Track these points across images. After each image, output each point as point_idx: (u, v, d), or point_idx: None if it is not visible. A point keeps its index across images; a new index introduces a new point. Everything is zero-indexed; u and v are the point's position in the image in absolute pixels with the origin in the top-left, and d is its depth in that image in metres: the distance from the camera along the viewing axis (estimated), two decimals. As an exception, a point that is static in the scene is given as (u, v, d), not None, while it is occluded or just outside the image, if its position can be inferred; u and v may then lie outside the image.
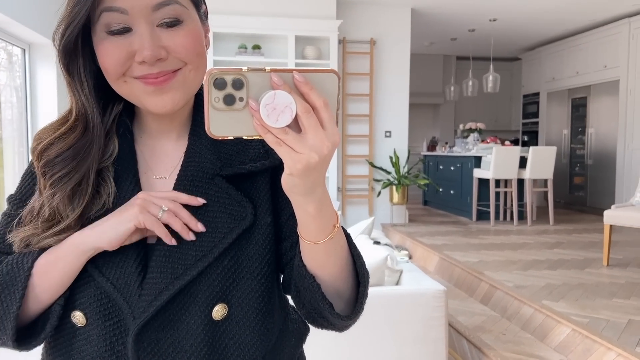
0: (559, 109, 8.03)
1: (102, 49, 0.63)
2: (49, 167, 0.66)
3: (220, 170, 0.70)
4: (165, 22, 0.64)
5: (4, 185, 4.42)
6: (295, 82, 0.51)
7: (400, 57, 6.30)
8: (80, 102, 0.67)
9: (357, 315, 0.70)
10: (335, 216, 0.62)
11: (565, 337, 2.77)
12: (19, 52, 4.62)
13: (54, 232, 0.65)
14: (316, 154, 0.52)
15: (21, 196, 0.72)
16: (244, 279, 0.68)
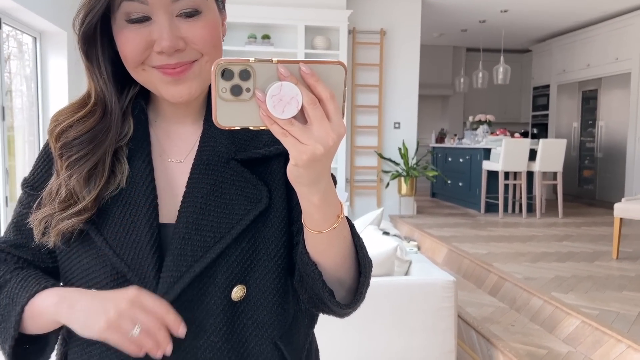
0: (569, 101, 7.97)
1: (122, 37, 0.64)
2: (67, 149, 0.67)
3: (235, 154, 0.71)
4: (184, 13, 0.64)
5: (15, 173, 4.45)
6: (301, 74, 0.52)
7: (410, 48, 6.27)
8: (99, 87, 0.68)
9: (357, 304, 0.71)
10: (339, 207, 0.63)
11: (574, 328, 2.77)
12: (30, 40, 4.63)
13: (72, 213, 0.66)
14: (321, 146, 0.52)
15: (35, 180, 0.73)
16: (262, 261, 0.70)
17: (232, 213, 0.68)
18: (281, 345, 0.72)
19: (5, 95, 4.12)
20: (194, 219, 0.67)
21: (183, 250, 0.66)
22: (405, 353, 2.53)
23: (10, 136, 4.33)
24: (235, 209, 0.68)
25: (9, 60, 4.39)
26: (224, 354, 0.68)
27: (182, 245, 0.66)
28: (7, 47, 4.33)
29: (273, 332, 0.71)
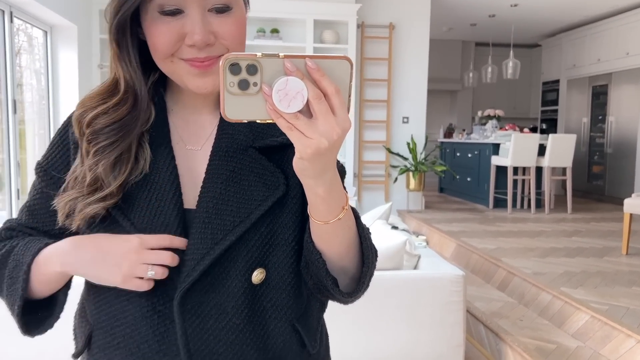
0: (579, 96, 7.91)
1: (154, 29, 0.65)
2: (95, 136, 0.68)
3: (253, 142, 0.72)
4: (216, 8, 0.66)
5: (27, 166, 4.49)
6: (307, 69, 0.53)
7: (419, 43, 6.25)
8: (128, 75, 0.69)
9: (359, 293, 0.72)
10: (344, 198, 0.64)
11: (583, 323, 2.77)
12: (40, 34, 4.66)
13: (97, 198, 0.67)
14: (326, 140, 0.54)
15: (48, 165, 0.74)
16: (280, 245, 0.71)
17: (251, 199, 0.70)
18: (299, 327, 0.74)
19: (16, 88, 4.15)
20: (214, 204, 0.69)
21: (204, 233, 0.68)
22: (414, 347, 2.54)
23: (21, 129, 4.36)
24: (254, 194, 0.70)
25: (19, 54, 4.42)
26: (246, 335, 0.69)
27: (203, 229, 0.68)
28: (17, 40, 4.35)
29: (291, 315, 0.73)
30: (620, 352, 2.48)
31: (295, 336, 0.74)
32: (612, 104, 7.21)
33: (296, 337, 0.74)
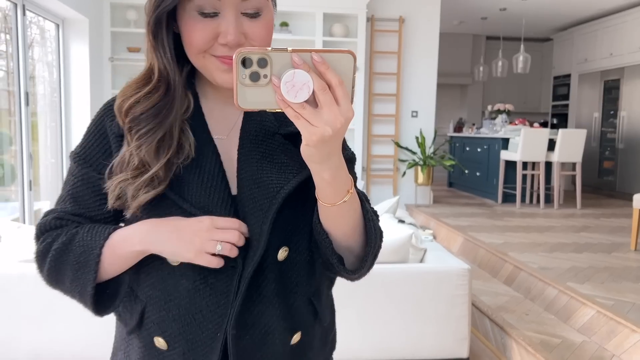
0: (591, 91, 7.84)
1: (191, 27, 0.71)
2: (135, 123, 0.73)
3: (278, 129, 0.77)
4: (249, 13, 0.71)
5: (39, 158, 4.55)
6: (313, 62, 0.57)
7: (429, 36, 6.23)
8: (162, 65, 0.74)
9: (363, 270, 0.78)
10: (349, 182, 0.69)
11: (589, 318, 2.77)
12: (52, 27, 4.71)
13: (144, 180, 0.72)
14: (330, 128, 0.58)
15: (86, 153, 0.79)
16: (301, 227, 0.78)
17: (287, 171, 0.75)
18: (314, 301, 0.82)
19: (29, 81, 4.21)
20: (255, 185, 0.74)
21: (254, 212, 0.74)
22: (419, 339, 2.56)
23: (34, 121, 4.42)
24: (289, 168, 0.75)
25: (31, 47, 4.47)
26: (275, 307, 0.76)
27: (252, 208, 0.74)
28: (30, 33, 4.40)
29: (308, 291, 0.80)
30: (625, 347, 2.48)
31: (311, 309, 0.81)
32: (624, 99, 7.15)
33: (312, 310, 0.81)
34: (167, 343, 0.76)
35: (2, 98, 4.13)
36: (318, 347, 0.85)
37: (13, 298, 2.36)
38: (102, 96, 5.31)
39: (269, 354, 0.76)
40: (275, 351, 0.77)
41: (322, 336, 0.86)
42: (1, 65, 4.17)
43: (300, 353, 0.81)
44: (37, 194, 4.49)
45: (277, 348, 0.77)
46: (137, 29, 5.44)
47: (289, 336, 0.78)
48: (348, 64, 0.58)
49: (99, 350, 2.42)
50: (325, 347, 0.88)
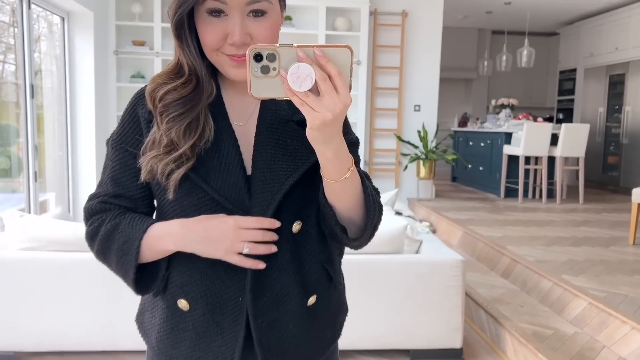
0: (596, 86, 7.82)
1: (204, 27, 0.80)
2: (166, 108, 0.83)
3: (292, 116, 0.86)
4: (253, 13, 0.79)
5: (44, 150, 4.62)
6: (315, 56, 0.66)
7: (432, 30, 6.23)
8: (190, 62, 0.84)
9: (363, 239, 0.88)
10: (350, 161, 0.78)
11: (581, 310, 2.80)
12: (59, 21, 4.77)
13: (173, 158, 0.81)
14: (330, 113, 0.67)
15: (122, 139, 0.88)
16: (312, 203, 0.88)
17: (297, 157, 0.85)
18: (327, 267, 0.92)
19: (36, 75, 4.27)
20: (267, 167, 0.84)
21: (263, 191, 0.83)
22: (413, 329, 2.60)
23: (40, 114, 4.49)
24: (299, 154, 0.85)
25: (39, 41, 4.54)
26: (289, 272, 0.87)
27: (262, 188, 0.83)
28: (37, 27, 4.47)
29: (321, 259, 0.91)
30: (615, 338, 2.52)
31: (325, 274, 0.92)
32: (629, 94, 7.12)
33: (325, 275, 0.92)
34: (189, 304, 0.87)
35: (11, 91, 4.21)
36: (335, 309, 0.96)
37: (15, 285, 2.43)
38: (107, 89, 5.38)
39: (285, 314, 0.87)
40: (292, 311, 0.87)
41: (338, 299, 0.97)
42: (10, 58, 4.25)
43: (317, 314, 0.91)
44: (43, 185, 4.57)
45: (294, 309, 0.87)
46: (141, 23, 5.49)
47: (305, 298, 0.88)
48: (346, 57, 0.67)
49: (100, 337, 2.49)
50: (342, 308, 0.99)
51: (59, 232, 2.45)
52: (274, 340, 0.87)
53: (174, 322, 0.89)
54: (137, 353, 2.59)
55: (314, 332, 0.91)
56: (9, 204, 4.24)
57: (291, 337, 0.88)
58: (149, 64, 5.60)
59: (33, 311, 2.44)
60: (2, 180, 4.26)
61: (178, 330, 0.89)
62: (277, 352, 0.87)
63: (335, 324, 0.97)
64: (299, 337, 0.89)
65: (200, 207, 0.84)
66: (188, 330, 0.88)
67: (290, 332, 0.88)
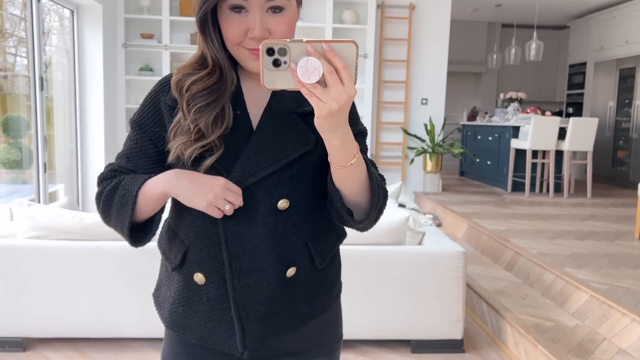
0: (606, 80, 7.75)
1: (226, 23, 0.86)
2: (192, 98, 0.89)
3: (296, 109, 0.93)
4: (272, 9, 0.86)
5: (54, 142, 4.69)
6: (323, 50, 0.71)
7: (440, 23, 6.21)
8: (214, 55, 0.89)
9: (367, 221, 0.93)
10: (355, 149, 0.83)
11: (583, 303, 2.81)
12: (69, 14, 4.82)
13: (200, 145, 0.88)
14: (336, 104, 0.72)
15: (141, 121, 0.96)
16: (304, 184, 0.94)
17: (286, 148, 0.91)
18: (310, 245, 0.97)
19: (46, 67, 4.33)
20: (257, 146, 0.91)
21: (245, 165, 0.90)
22: (414, 319, 2.62)
23: (50, 106, 4.55)
24: (288, 146, 0.91)
25: (49, 34, 4.59)
26: (269, 242, 0.93)
27: (246, 162, 0.90)
28: (48, 20, 4.52)
29: (305, 236, 0.96)
30: (615, 331, 2.52)
31: (307, 252, 0.97)
32: (639, 88, 7.05)
33: (307, 253, 0.97)
34: (205, 278, 0.94)
35: (22, 84, 4.27)
36: (317, 288, 1.01)
37: (23, 272, 2.48)
38: (116, 82, 5.44)
39: (263, 279, 0.93)
40: (270, 278, 0.93)
41: (322, 280, 1.02)
42: (22, 51, 4.31)
43: (296, 286, 0.97)
44: (53, 177, 4.64)
45: (272, 276, 0.93)
46: (150, 16, 5.53)
47: (283, 269, 0.94)
48: (352, 51, 0.73)
49: (105, 324, 2.54)
50: (329, 292, 1.04)
51: (65, 221, 2.49)
52: (250, 302, 0.93)
53: (188, 295, 0.96)
54: (142, 340, 2.64)
55: (291, 302, 0.97)
56: (19, 195, 4.31)
57: (267, 301, 0.94)
58: (157, 57, 5.64)
59: (40, 298, 2.49)
60: (12, 171, 4.33)
61: (192, 303, 0.96)
62: (251, 314, 0.94)
63: (314, 301, 1.01)
64: (274, 304, 0.95)
65: None
66: (202, 303, 0.95)
67: (266, 297, 0.94)
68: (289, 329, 0.98)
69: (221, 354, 0.97)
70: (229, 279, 0.93)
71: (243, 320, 0.94)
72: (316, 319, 1.02)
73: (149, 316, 2.53)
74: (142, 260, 2.49)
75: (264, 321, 0.95)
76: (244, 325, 0.94)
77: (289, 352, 1.01)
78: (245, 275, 0.93)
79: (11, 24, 4.39)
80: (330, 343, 1.07)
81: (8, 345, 2.52)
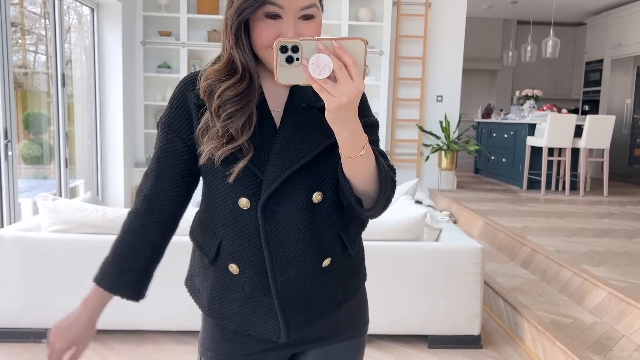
0: (623, 77, 7.67)
1: (261, 28, 0.89)
2: (223, 104, 0.92)
3: (315, 103, 0.96)
4: (304, 17, 0.89)
5: (74, 138, 4.77)
6: (333, 47, 0.76)
7: (456, 20, 6.20)
8: (244, 60, 0.91)
9: (376, 209, 0.96)
10: (364, 141, 0.87)
11: (601, 300, 2.81)
12: (89, 12, 4.89)
13: (230, 147, 0.91)
14: (346, 98, 0.76)
15: (170, 121, 0.99)
16: (332, 176, 0.97)
17: (312, 141, 0.94)
18: (342, 234, 1.02)
19: (66, 65, 4.40)
20: (285, 142, 0.94)
21: (277, 162, 0.93)
22: (431, 315, 2.64)
23: (70, 103, 4.63)
24: (314, 138, 0.94)
25: (69, 32, 4.67)
26: (306, 236, 0.97)
27: (277, 159, 0.93)
28: (68, 18, 4.59)
29: (337, 226, 1.01)
30: (634, 328, 2.52)
31: (339, 241, 1.02)
32: (657, 85, 6.98)
33: (340, 242, 1.02)
34: (239, 268, 0.98)
35: (42, 81, 4.34)
36: (348, 274, 1.06)
37: (48, 265, 2.54)
38: (135, 79, 5.50)
39: (302, 272, 0.98)
40: (308, 270, 0.98)
41: (352, 266, 1.07)
42: (41, 49, 4.38)
43: (331, 275, 1.01)
44: (73, 172, 4.72)
45: (310, 268, 0.98)
46: (168, 13, 5.59)
47: (320, 260, 0.99)
48: (360, 48, 0.77)
49: (126, 316, 2.59)
50: (357, 276, 1.09)
51: (89, 215, 2.55)
52: (291, 295, 0.98)
53: (225, 284, 1.01)
54: (163, 332, 2.69)
55: (327, 290, 1.02)
56: (41, 190, 4.39)
57: (306, 292, 0.99)
58: (175, 54, 5.69)
59: (64, 290, 2.55)
60: (34, 167, 4.41)
61: (229, 292, 1.00)
62: (292, 305, 0.98)
63: (347, 286, 1.06)
64: (312, 294, 1.00)
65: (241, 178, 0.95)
66: (238, 291, 0.99)
67: (305, 288, 0.99)
68: (326, 315, 1.02)
69: (258, 339, 1.01)
70: (270, 275, 0.96)
71: (286, 311, 0.98)
72: (347, 303, 1.06)
73: (170, 309, 2.58)
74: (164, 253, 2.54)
75: (304, 310, 0.99)
76: (287, 316, 0.98)
77: (321, 337, 1.05)
78: (286, 270, 0.96)
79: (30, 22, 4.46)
80: (358, 326, 1.12)
81: (33, 336, 2.59)
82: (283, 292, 0.97)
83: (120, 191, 5.21)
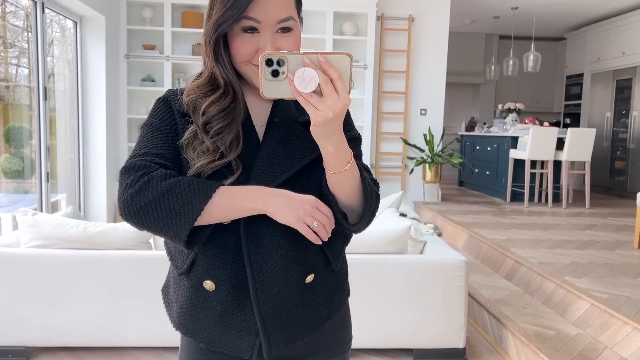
0: (603, 91, 7.82)
1: (239, 42, 0.89)
2: (209, 121, 0.90)
3: (298, 118, 0.96)
4: (281, 29, 0.89)
5: (57, 152, 4.71)
6: (319, 62, 0.76)
7: (439, 35, 6.28)
8: (225, 75, 0.91)
9: (361, 224, 0.96)
10: (349, 155, 0.87)
11: (584, 312, 2.83)
12: (72, 25, 4.86)
13: (219, 164, 0.89)
14: (331, 112, 0.76)
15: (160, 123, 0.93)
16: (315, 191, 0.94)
17: (295, 156, 0.93)
18: (325, 250, 1.00)
19: (49, 78, 4.36)
20: (267, 158, 0.92)
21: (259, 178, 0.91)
22: (416, 328, 2.64)
23: (52, 117, 4.58)
24: (297, 153, 0.93)
25: (52, 45, 4.63)
26: (290, 252, 0.95)
27: (259, 175, 0.91)
28: (51, 31, 4.56)
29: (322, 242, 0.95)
30: (617, 339, 2.54)
31: (323, 256, 1.00)
32: (636, 99, 7.12)
33: (323, 257, 1.00)
34: (215, 285, 0.94)
35: (24, 94, 4.29)
36: (332, 290, 1.04)
37: (27, 281, 2.49)
38: (118, 93, 5.47)
39: (285, 288, 0.95)
40: (291, 287, 0.96)
41: (335, 282, 1.05)
42: (23, 62, 4.34)
43: (314, 291, 0.99)
44: (55, 186, 4.66)
45: (293, 284, 0.96)
46: (152, 27, 5.58)
47: (303, 277, 0.97)
48: (346, 62, 0.77)
49: (108, 333, 2.55)
50: (341, 292, 1.08)
51: (69, 230, 2.51)
52: (273, 312, 0.95)
53: (197, 300, 0.97)
54: (145, 349, 2.64)
55: (310, 306, 0.99)
56: (21, 205, 4.32)
57: (289, 309, 0.96)
58: (159, 68, 5.68)
59: (44, 307, 2.50)
60: (15, 181, 4.34)
61: (201, 308, 0.97)
62: (274, 323, 0.95)
63: (331, 302, 1.04)
64: (295, 311, 0.97)
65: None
66: (211, 309, 0.96)
67: (288, 305, 0.96)
68: (309, 332, 1.00)
69: (233, 358, 0.99)
70: (252, 292, 0.93)
71: (268, 329, 0.95)
72: (331, 319, 1.05)
73: (152, 325, 2.54)
74: (146, 269, 2.51)
75: (286, 328, 0.97)
76: (269, 334, 0.95)
77: (303, 354, 1.03)
78: (268, 286, 0.94)
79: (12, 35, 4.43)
80: (341, 343, 1.10)
81: (12, 354, 2.53)
82: (265, 309, 0.94)
83: (102, 205, 5.15)
